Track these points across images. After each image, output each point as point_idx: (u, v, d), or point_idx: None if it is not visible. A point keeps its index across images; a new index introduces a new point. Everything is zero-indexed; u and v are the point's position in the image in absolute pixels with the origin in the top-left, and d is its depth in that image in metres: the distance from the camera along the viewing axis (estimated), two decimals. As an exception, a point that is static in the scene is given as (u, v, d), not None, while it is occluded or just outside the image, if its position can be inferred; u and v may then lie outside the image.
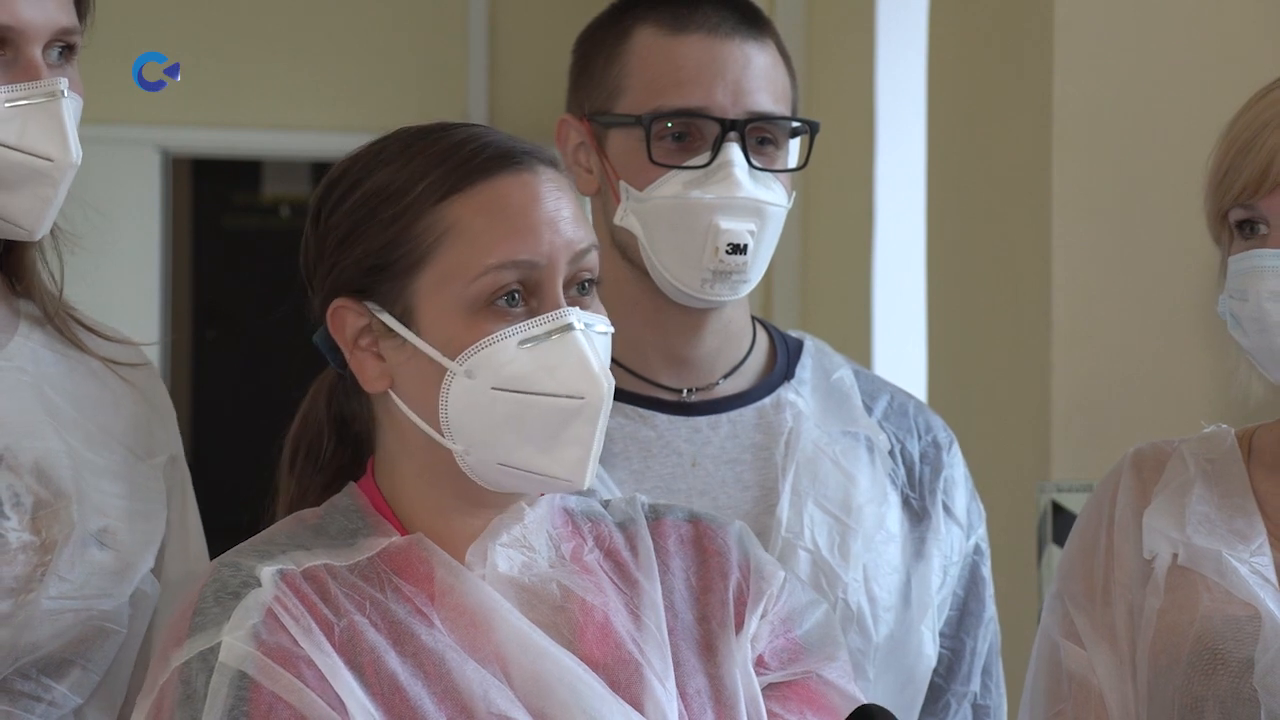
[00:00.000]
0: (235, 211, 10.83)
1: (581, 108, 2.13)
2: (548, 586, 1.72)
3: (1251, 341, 1.94)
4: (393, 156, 1.73)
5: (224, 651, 1.60)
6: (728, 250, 2.04)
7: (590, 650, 1.70)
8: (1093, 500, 2.05)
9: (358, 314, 1.71)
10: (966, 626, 2.21)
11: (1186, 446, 2.03)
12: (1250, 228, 1.94)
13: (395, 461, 1.73)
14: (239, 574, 1.64)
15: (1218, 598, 1.91)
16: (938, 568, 2.17)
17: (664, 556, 1.79)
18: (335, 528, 1.71)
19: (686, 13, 2.09)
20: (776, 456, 2.13)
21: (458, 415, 1.67)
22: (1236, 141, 1.94)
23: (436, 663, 1.64)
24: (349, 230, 1.72)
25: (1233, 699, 1.87)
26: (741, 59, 2.08)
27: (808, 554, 2.10)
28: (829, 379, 2.20)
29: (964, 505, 2.21)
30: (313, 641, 1.61)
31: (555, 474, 1.68)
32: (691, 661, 1.74)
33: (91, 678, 1.92)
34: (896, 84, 4.67)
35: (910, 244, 4.39)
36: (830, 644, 1.81)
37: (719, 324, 2.14)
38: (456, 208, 1.69)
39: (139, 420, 2.00)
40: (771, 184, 2.09)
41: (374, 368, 1.71)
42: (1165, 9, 3.15)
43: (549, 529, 1.75)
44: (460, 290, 1.67)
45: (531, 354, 1.67)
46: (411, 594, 1.67)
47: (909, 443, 2.20)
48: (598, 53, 2.13)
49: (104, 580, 1.90)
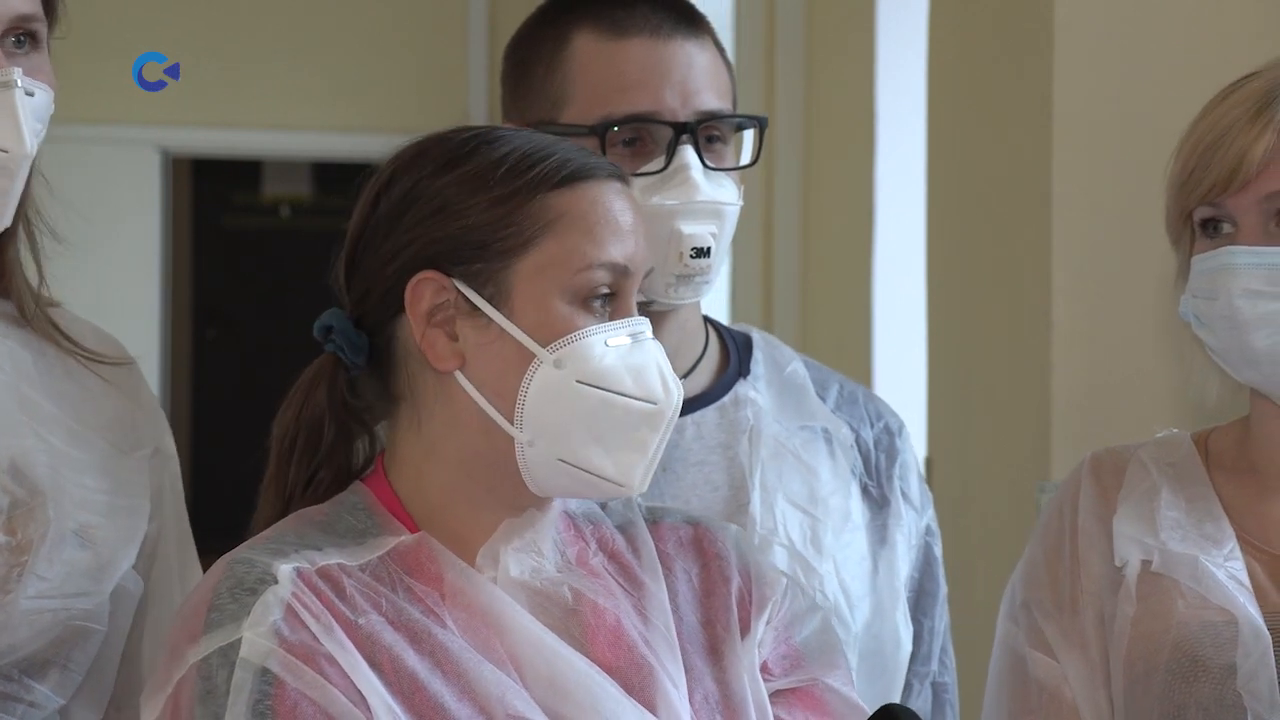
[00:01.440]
0: (235, 211, 10.84)
1: (524, 117, 2.11)
2: (559, 590, 1.72)
3: (1220, 341, 1.94)
4: (494, 138, 1.73)
5: (245, 647, 1.59)
6: (692, 255, 2.05)
7: (602, 653, 1.70)
8: (1052, 508, 2.04)
9: (440, 289, 1.70)
10: (923, 607, 2.22)
11: (1144, 451, 2.03)
12: (1214, 227, 1.94)
13: (433, 447, 1.72)
14: (254, 570, 1.63)
15: (1192, 603, 1.91)
16: (902, 554, 2.19)
17: (665, 559, 1.79)
18: (343, 526, 1.71)
19: (624, 15, 2.08)
20: (741, 455, 2.13)
21: (535, 404, 1.68)
22: (1203, 141, 1.93)
23: (454, 662, 1.64)
24: (448, 203, 1.70)
25: (1216, 705, 1.86)
26: (685, 59, 2.07)
27: (784, 549, 2.10)
28: (782, 373, 2.21)
29: (916, 488, 2.23)
30: (334, 639, 1.61)
31: (613, 477, 1.69)
32: (699, 666, 1.74)
33: (73, 677, 1.91)
34: (896, 84, 4.67)
35: (910, 244, 4.39)
36: (831, 650, 1.81)
37: (676, 324, 2.14)
38: (562, 200, 1.70)
39: (121, 415, 1.98)
40: (724, 182, 2.09)
41: (446, 346, 1.70)
42: (1165, 9, 3.15)
43: (554, 534, 1.75)
44: (563, 280, 1.68)
45: (615, 354, 1.68)
46: (423, 594, 1.67)
47: (862, 431, 2.21)
48: (535, 60, 2.12)
49: (83, 579, 1.89)
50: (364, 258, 1.74)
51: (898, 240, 4.69)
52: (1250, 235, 1.91)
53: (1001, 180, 3.37)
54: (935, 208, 3.82)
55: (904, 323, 4.57)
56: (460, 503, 1.71)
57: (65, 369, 1.97)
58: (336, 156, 8.22)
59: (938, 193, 3.80)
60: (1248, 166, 1.89)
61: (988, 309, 3.46)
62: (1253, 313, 1.90)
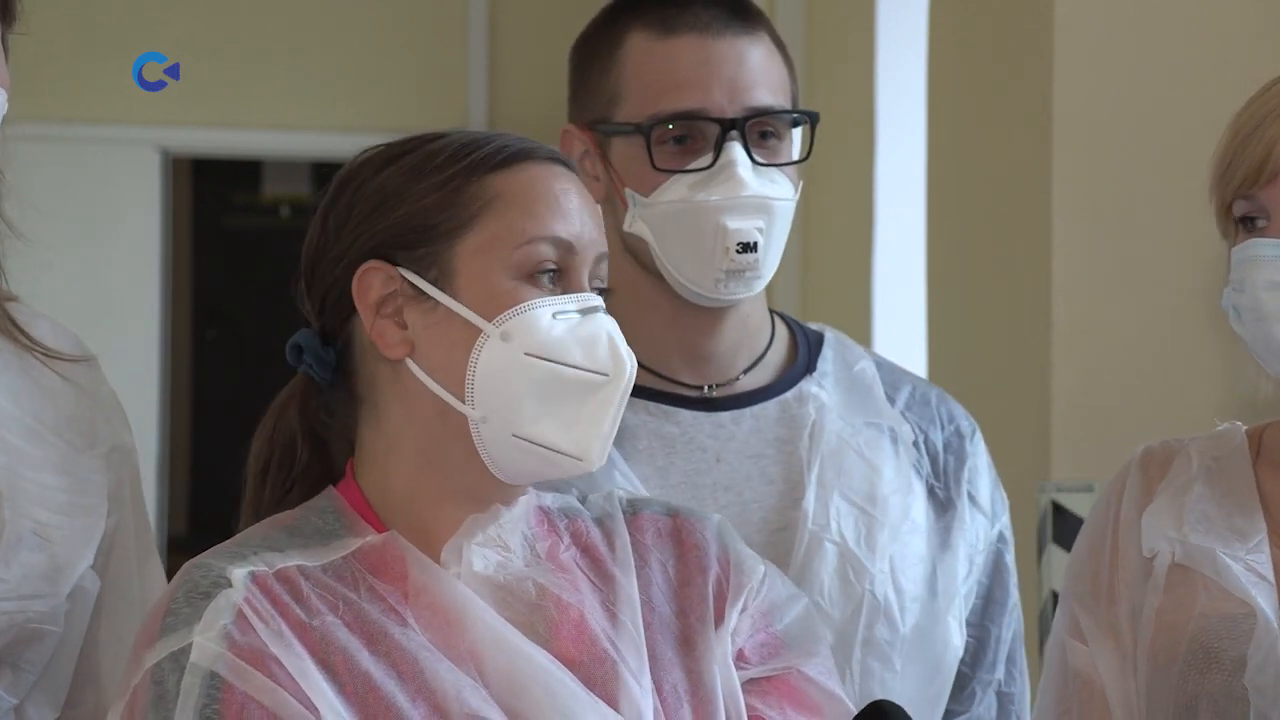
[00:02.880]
0: (235, 211, 10.84)
1: (583, 117, 2.13)
2: (523, 585, 1.71)
3: (1249, 332, 1.94)
4: (435, 137, 1.75)
5: (195, 652, 1.60)
6: (738, 250, 2.05)
7: (565, 648, 1.69)
8: (1100, 500, 2.05)
9: (387, 278, 1.71)
10: (991, 615, 2.20)
11: (1195, 445, 2.03)
12: (1252, 222, 1.94)
13: (392, 442, 1.73)
14: (210, 574, 1.64)
15: (1215, 596, 1.91)
16: (963, 557, 2.17)
17: (641, 551, 1.78)
18: (310, 528, 1.71)
19: (676, 13, 2.08)
20: (800, 449, 2.13)
21: (485, 379, 1.68)
22: (1239, 134, 1.94)
23: (410, 662, 1.64)
24: (389, 195, 1.72)
25: (1225, 698, 1.86)
26: (735, 56, 2.07)
27: (834, 546, 2.09)
28: (851, 370, 2.20)
29: (988, 494, 2.21)
30: (283, 643, 1.61)
31: (568, 450, 1.69)
32: (669, 656, 1.73)
33: (26, 678, 1.89)
34: (896, 84, 4.67)
35: (910, 243, 4.40)
36: (811, 639, 1.80)
37: (737, 319, 2.14)
38: (502, 180, 1.71)
39: (79, 413, 1.95)
40: (776, 178, 2.09)
41: (395, 334, 1.71)
42: (1165, 9, 3.15)
43: (525, 528, 1.75)
44: (503, 255, 1.69)
45: (564, 326, 1.69)
46: (386, 592, 1.67)
47: (932, 432, 2.20)
48: (593, 61, 2.13)
49: (39, 581, 1.87)
50: (318, 267, 1.76)
51: (898, 239, 4.69)
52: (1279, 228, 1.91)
53: (1001, 180, 3.38)
54: (935, 208, 3.82)
55: (904, 322, 4.58)
56: (423, 497, 1.72)
57: (22, 366, 1.93)
58: (336, 156, 8.21)
59: (938, 193, 3.80)
60: (1276, 158, 1.90)
61: (988, 309, 3.46)
62: (1276, 305, 1.90)
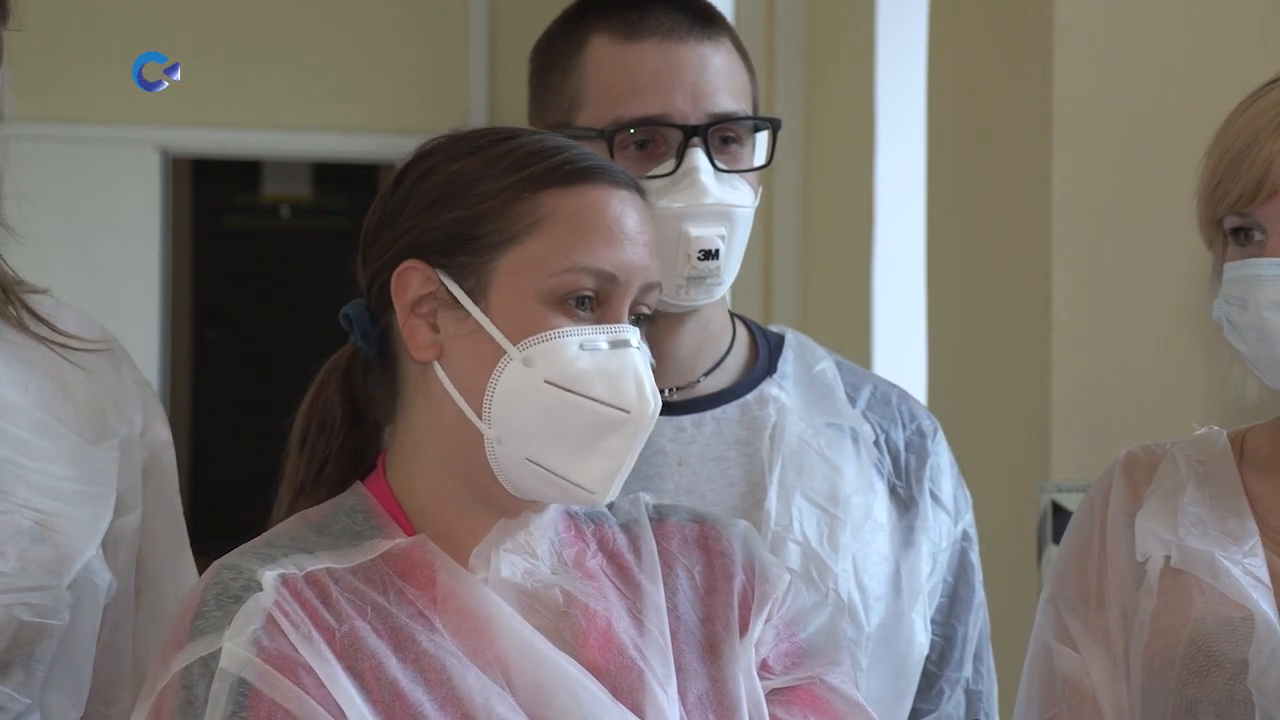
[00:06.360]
0: (235, 211, 10.84)
1: (543, 119, 2.12)
2: (550, 592, 1.71)
3: (1251, 350, 1.95)
4: (509, 135, 1.74)
5: (225, 658, 1.59)
6: (700, 256, 2.05)
7: (593, 656, 1.69)
8: (1084, 504, 2.05)
9: (425, 279, 1.70)
10: (957, 613, 2.22)
11: (1179, 449, 2.04)
12: (1244, 235, 1.94)
13: (418, 444, 1.72)
14: (240, 577, 1.63)
15: (1211, 599, 1.91)
16: (927, 555, 2.18)
17: (668, 558, 1.78)
18: (339, 527, 1.71)
19: (638, 18, 2.08)
20: (762, 451, 2.13)
21: (502, 401, 1.67)
22: (1230, 149, 1.94)
23: (438, 669, 1.63)
24: (441, 195, 1.71)
25: (1227, 701, 1.87)
26: (697, 61, 2.07)
27: (797, 546, 2.10)
28: (811, 371, 2.21)
29: (950, 492, 2.22)
30: (313, 648, 1.61)
31: (579, 481, 1.68)
32: (694, 665, 1.73)
33: (36, 677, 1.88)
34: (896, 84, 4.67)
35: (910, 244, 4.40)
36: (833, 648, 1.80)
37: (697, 324, 2.14)
38: (556, 200, 1.70)
39: (93, 403, 1.95)
40: (737, 184, 2.09)
41: (426, 336, 1.70)
42: (1165, 9, 3.15)
43: (552, 535, 1.74)
44: (539, 279, 1.68)
45: (591, 358, 1.67)
46: (414, 597, 1.67)
47: (893, 432, 2.20)
48: (554, 64, 2.12)
49: (40, 573, 1.86)
50: (373, 247, 1.75)
51: (898, 240, 4.69)
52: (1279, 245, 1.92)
53: (1001, 180, 3.38)
54: (935, 208, 3.82)
55: (904, 322, 4.58)
56: (445, 503, 1.71)
57: (33, 357, 1.93)
58: (336, 157, 8.23)
59: (938, 193, 3.80)
60: (1274, 176, 1.90)
61: (988, 308, 3.46)
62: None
